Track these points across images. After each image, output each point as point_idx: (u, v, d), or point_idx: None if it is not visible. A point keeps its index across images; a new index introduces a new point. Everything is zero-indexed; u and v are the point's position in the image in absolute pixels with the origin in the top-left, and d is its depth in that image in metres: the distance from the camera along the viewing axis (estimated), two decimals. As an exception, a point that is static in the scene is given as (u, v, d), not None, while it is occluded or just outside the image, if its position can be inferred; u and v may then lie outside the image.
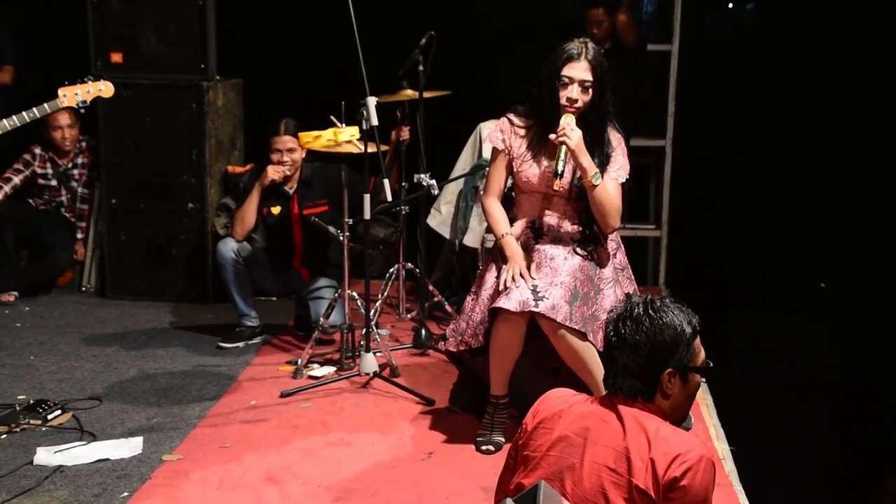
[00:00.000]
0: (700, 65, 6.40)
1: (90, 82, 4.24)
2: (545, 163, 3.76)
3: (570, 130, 3.58)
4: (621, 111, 3.91)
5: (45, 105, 4.19)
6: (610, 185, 3.69)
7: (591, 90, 3.65)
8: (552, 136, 3.64)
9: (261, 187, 4.96)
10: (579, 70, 3.63)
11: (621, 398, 2.37)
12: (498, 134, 3.85)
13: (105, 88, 4.27)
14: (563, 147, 3.59)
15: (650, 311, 2.34)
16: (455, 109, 5.41)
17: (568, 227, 3.79)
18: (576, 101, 3.64)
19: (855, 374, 6.02)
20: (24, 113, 4.18)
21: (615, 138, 3.78)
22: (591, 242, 3.77)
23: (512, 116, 3.86)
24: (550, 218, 3.81)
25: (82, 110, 4.32)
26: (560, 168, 3.59)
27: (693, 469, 2.21)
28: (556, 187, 3.62)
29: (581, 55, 3.64)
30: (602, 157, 3.71)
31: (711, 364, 2.40)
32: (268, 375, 4.65)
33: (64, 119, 5.90)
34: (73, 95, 4.20)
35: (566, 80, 3.64)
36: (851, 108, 6.55)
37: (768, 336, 6.07)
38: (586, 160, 3.63)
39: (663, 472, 2.20)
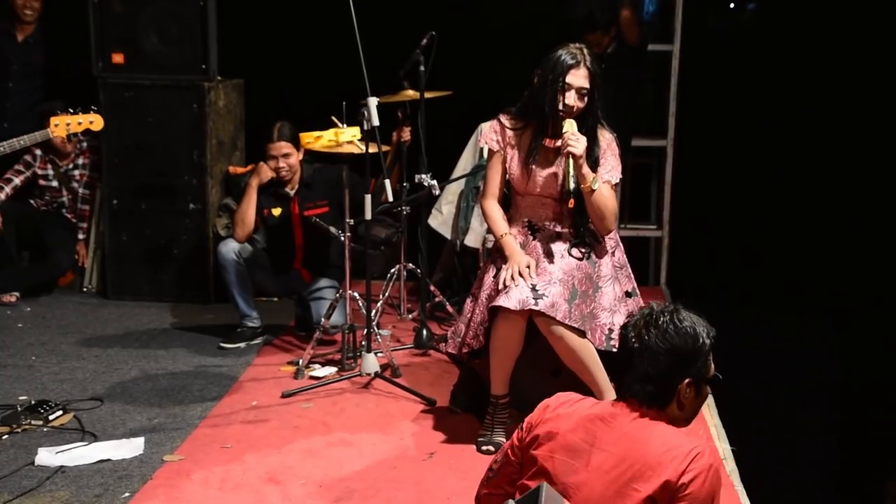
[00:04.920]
0: (701, 65, 6.40)
1: (81, 114, 4.25)
2: (541, 167, 3.77)
3: (575, 140, 3.59)
4: (623, 111, 3.93)
5: (36, 134, 4.22)
6: (604, 187, 3.69)
7: (586, 97, 3.68)
8: (558, 143, 3.66)
9: (256, 184, 4.95)
10: (579, 77, 3.65)
11: (632, 404, 2.37)
12: (492, 135, 3.87)
13: (95, 122, 4.29)
14: (570, 159, 3.59)
15: (675, 321, 2.36)
16: (456, 109, 5.41)
17: (562, 228, 3.80)
18: (572, 107, 3.67)
19: (856, 375, 6.02)
20: (14, 140, 4.24)
21: (604, 139, 3.78)
22: (586, 243, 3.77)
23: (503, 118, 3.87)
24: (545, 219, 3.82)
25: (71, 141, 4.33)
26: (571, 185, 3.59)
27: (700, 476, 2.21)
28: (570, 205, 3.64)
29: (581, 63, 3.65)
30: (593, 160, 3.71)
31: (721, 377, 2.41)
32: (269, 376, 4.65)
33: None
34: (63, 126, 4.22)
35: (566, 86, 3.65)
36: (853, 107, 6.55)
37: (770, 336, 6.07)
38: (587, 167, 3.65)
39: (670, 479, 2.20)
